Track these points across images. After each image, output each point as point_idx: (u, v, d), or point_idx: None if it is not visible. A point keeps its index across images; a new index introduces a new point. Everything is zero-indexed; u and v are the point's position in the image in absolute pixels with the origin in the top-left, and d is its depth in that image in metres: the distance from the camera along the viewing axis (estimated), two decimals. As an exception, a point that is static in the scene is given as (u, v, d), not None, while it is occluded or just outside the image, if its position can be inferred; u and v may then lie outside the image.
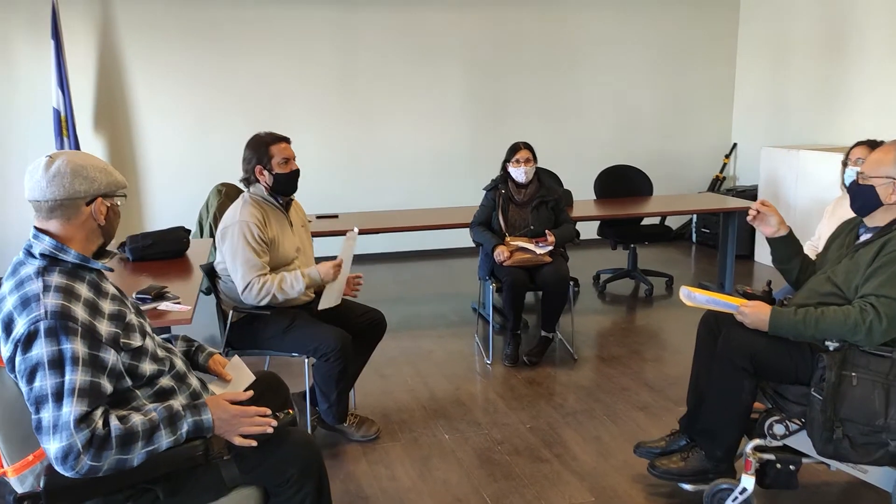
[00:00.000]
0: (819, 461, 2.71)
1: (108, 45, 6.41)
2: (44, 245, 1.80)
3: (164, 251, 3.95)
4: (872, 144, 3.86)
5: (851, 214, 3.46)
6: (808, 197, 6.39)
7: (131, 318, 1.88)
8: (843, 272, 2.66)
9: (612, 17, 7.56)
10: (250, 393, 1.99)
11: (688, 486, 2.87)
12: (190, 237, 4.19)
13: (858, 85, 6.43)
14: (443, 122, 7.31)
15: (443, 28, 7.14)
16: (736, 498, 2.69)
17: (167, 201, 6.65)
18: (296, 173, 3.31)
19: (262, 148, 3.24)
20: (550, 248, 4.36)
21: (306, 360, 3.29)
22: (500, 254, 4.34)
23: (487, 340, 4.74)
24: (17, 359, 1.69)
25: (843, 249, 2.78)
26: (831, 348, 2.53)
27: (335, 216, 5.41)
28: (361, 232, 5.16)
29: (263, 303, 3.18)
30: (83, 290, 1.79)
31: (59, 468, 1.67)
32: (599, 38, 7.57)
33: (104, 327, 1.78)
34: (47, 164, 1.84)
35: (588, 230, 6.22)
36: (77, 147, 6.09)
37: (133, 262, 3.92)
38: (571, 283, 5.95)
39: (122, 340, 1.80)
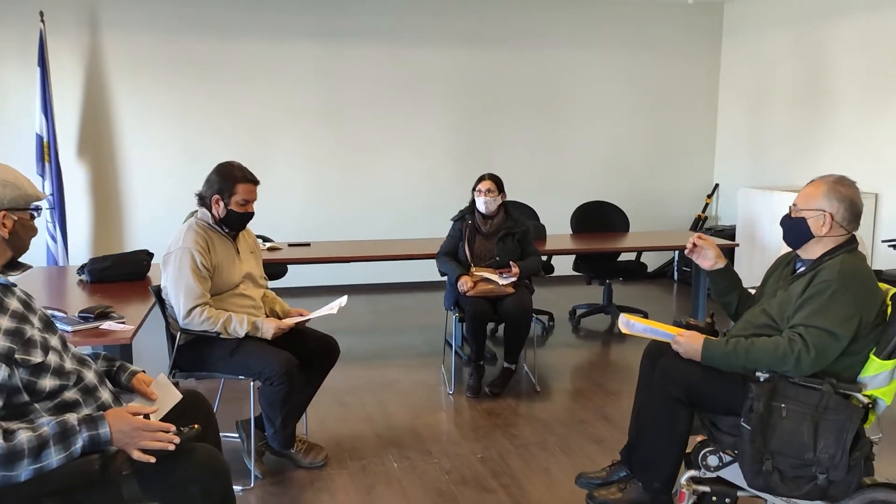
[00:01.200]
0: (755, 495, 2.69)
1: (95, 75, 6.52)
2: None
3: (123, 273, 3.98)
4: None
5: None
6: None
7: (33, 333, 1.88)
8: (778, 304, 2.67)
9: (598, 58, 7.67)
10: (155, 408, 1.99)
11: (624, 518, 2.85)
12: (152, 261, 4.21)
13: (832, 130, 6.51)
14: (427, 156, 7.38)
15: (428, 64, 7.25)
16: (670, 530, 2.67)
17: (151, 229, 6.67)
18: (249, 216, 3.33)
19: (229, 181, 3.26)
20: (514, 279, 4.37)
21: (252, 384, 3.29)
22: (464, 284, 4.35)
23: (452, 371, 4.73)
24: None
25: (780, 282, 2.80)
26: (762, 379, 2.53)
27: (307, 244, 5.43)
28: (337, 260, 5.22)
29: (202, 329, 3.18)
30: None
31: None
32: (585, 78, 7.67)
33: None
34: None
35: (564, 265, 6.24)
36: (59, 173, 6.15)
37: (91, 284, 3.94)
38: (545, 317, 6.03)
39: (18, 356, 1.80)
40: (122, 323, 3.05)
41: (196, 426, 1.96)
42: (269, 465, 3.42)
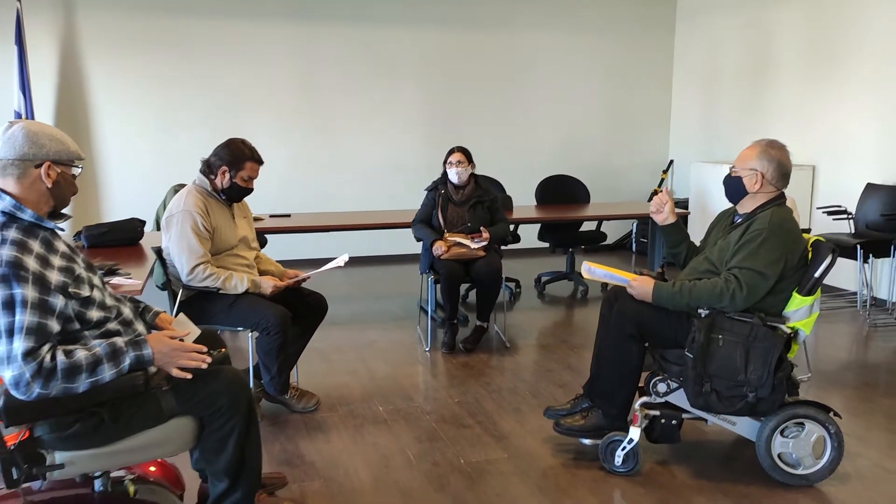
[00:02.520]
0: (697, 416, 3.11)
1: (71, 52, 6.71)
2: (4, 203, 2.10)
3: (118, 239, 4.26)
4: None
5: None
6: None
7: (80, 271, 2.18)
8: (717, 251, 3.08)
9: (560, 40, 8.06)
10: (188, 332, 2.32)
11: (587, 441, 3.25)
12: (144, 229, 4.48)
13: (776, 107, 7.00)
14: (399, 132, 7.71)
15: (400, 44, 7.57)
16: (625, 447, 3.06)
17: (126, 200, 6.91)
18: (249, 191, 3.63)
19: (239, 158, 3.54)
20: (485, 243, 4.73)
21: (249, 335, 3.61)
22: (438, 248, 4.70)
23: (428, 331, 5.09)
24: None
25: (720, 234, 3.20)
26: (703, 314, 2.93)
27: (287, 215, 5.73)
28: (315, 229, 5.52)
29: (204, 286, 3.48)
30: (36, 245, 2.09)
31: (14, 394, 1.98)
32: (547, 59, 8.05)
33: (54, 277, 2.07)
34: (6, 128, 2.15)
35: (530, 236, 6.62)
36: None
37: (89, 248, 4.21)
38: (513, 284, 6.42)
39: (70, 290, 2.10)
40: (130, 278, 3.35)
41: (223, 349, 2.29)
42: (265, 411, 3.75)
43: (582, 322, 5.61)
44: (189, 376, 2.17)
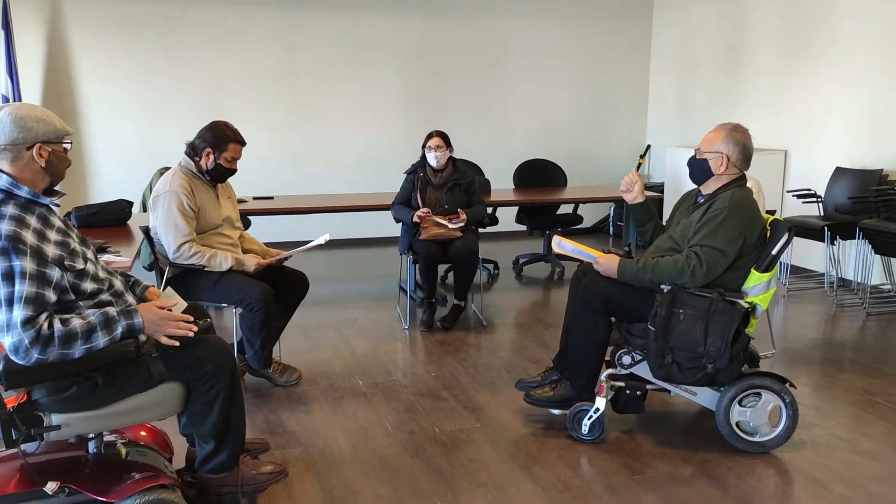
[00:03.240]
0: (660, 388, 3.27)
1: (57, 36, 6.76)
2: (1, 182, 2.22)
3: (107, 219, 4.36)
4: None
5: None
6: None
7: (75, 245, 2.30)
8: (680, 230, 3.24)
9: (539, 26, 8.18)
10: (175, 303, 2.45)
11: (555, 411, 3.41)
12: (132, 210, 4.59)
13: (749, 94, 7.18)
14: (379, 116, 7.83)
15: (380, 30, 7.67)
16: (591, 416, 3.23)
17: (112, 183, 7.00)
18: (232, 172, 3.75)
19: (222, 140, 3.65)
20: (462, 224, 4.88)
21: (234, 310, 3.74)
22: (418, 216, 4.84)
23: (407, 311, 5.23)
24: None
25: (684, 213, 3.36)
26: (665, 290, 3.09)
27: (270, 198, 5.85)
28: (298, 211, 5.64)
29: (189, 263, 3.61)
30: (33, 220, 2.21)
31: (14, 359, 2.10)
32: (526, 45, 8.18)
33: (50, 250, 2.19)
34: None
35: (508, 220, 6.77)
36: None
37: (79, 228, 4.29)
38: (491, 265, 6.57)
39: (66, 262, 2.22)
40: (119, 255, 3.46)
41: (209, 319, 2.42)
42: (249, 384, 3.88)
43: (557, 302, 5.78)
44: (177, 344, 2.30)
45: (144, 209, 5.95)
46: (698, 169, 3.28)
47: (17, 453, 2.43)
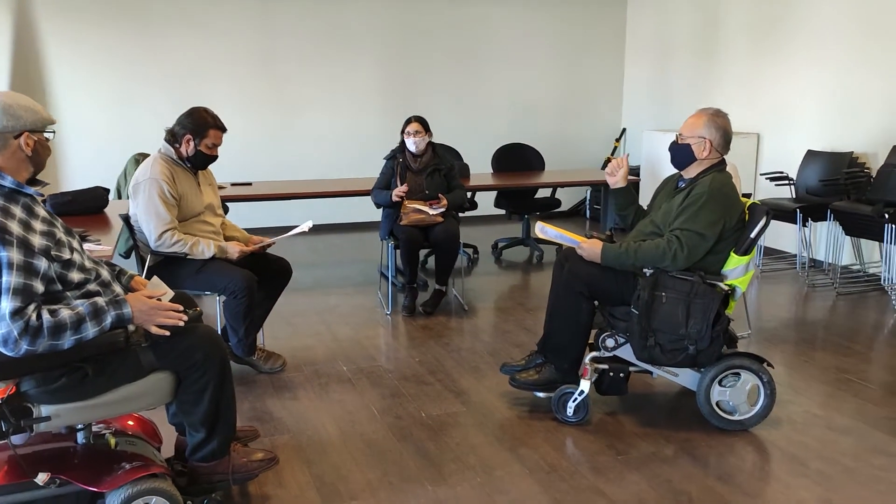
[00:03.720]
0: (642, 369, 3.34)
1: (26, 21, 6.63)
2: None
3: (83, 207, 4.31)
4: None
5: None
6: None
7: (61, 236, 2.28)
8: (662, 214, 3.29)
9: (515, 11, 8.19)
10: (164, 292, 2.44)
11: (540, 394, 3.46)
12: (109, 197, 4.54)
13: (723, 78, 7.27)
14: (356, 101, 7.80)
15: (357, 14, 7.63)
16: (576, 399, 3.28)
17: (84, 170, 6.91)
18: (213, 158, 3.72)
19: (202, 126, 3.62)
20: (442, 209, 4.89)
21: (217, 298, 3.73)
22: (396, 193, 4.84)
23: (388, 296, 5.25)
24: None
25: (665, 198, 3.40)
26: (647, 274, 3.14)
27: (249, 184, 5.81)
28: (277, 197, 5.62)
29: (171, 251, 3.59)
30: (18, 210, 2.19)
31: (1, 350, 2.09)
32: (502, 28, 8.18)
33: (36, 241, 2.17)
34: None
35: (487, 204, 6.80)
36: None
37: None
38: (471, 249, 6.60)
39: (52, 252, 2.20)
40: (100, 244, 3.43)
41: (198, 308, 2.42)
42: (234, 372, 3.84)
43: (537, 286, 5.83)
44: (167, 333, 2.30)
45: (119, 196, 5.90)
46: (680, 154, 3.32)
47: (4, 445, 2.43)
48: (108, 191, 4.57)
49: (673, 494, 2.74)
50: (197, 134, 3.65)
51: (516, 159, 6.95)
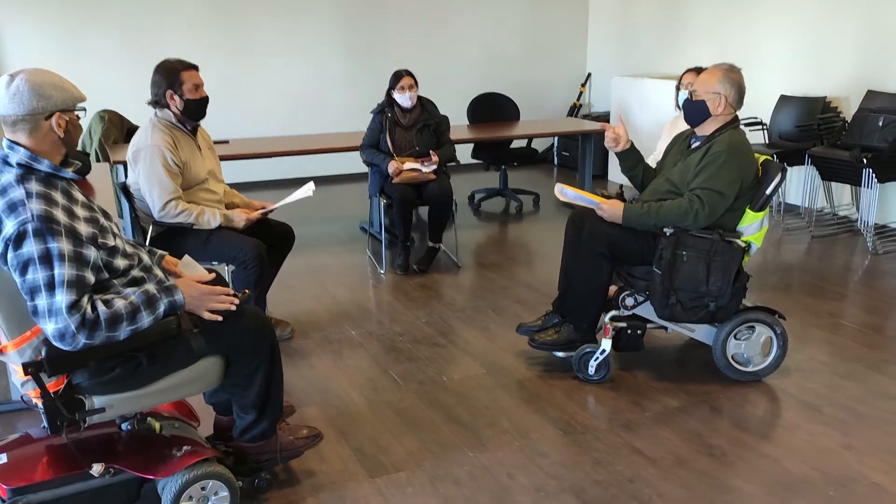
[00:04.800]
0: (658, 326, 3.41)
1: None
2: (19, 156, 2.07)
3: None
4: (699, 70, 4.54)
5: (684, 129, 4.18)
6: (651, 120, 7.15)
7: (103, 221, 2.19)
8: (678, 173, 3.31)
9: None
10: (213, 275, 2.37)
11: (560, 354, 3.51)
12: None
13: (691, 23, 7.29)
14: (321, 53, 7.56)
15: (317, -41, 7.34)
16: (597, 358, 3.34)
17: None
18: (205, 100, 3.57)
19: (173, 74, 3.47)
20: (435, 166, 4.84)
21: (226, 268, 3.64)
22: (392, 165, 4.77)
23: (379, 254, 5.21)
24: (9, 255, 1.98)
25: (678, 156, 3.43)
26: (668, 233, 3.18)
27: (226, 142, 5.63)
28: (254, 156, 5.47)
29: (176, 222, 3.48)
30: (58, 196, 2.08)
31: (57, 345, 2.00)
32: (467, -29, 8.00)
33: (82, 228, 2.08)
34: (7, 83, 2.10)
35: (463, 154, 6.73)
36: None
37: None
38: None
39: (99, 240, 2.12)
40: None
41: (246, 291, 2.36)
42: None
43: (521, 238, 5.85)
44: (220, 318, 2.24)
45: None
46: (695, 111, 3.32)
47: (47, 437, 2.37)
48: (87, 155, 4.36)
49: (706, 448, 2.84)
50: (172, 84, 3.49)
51: (491, 109, 6.89)
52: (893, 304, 4.28)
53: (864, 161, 5.08)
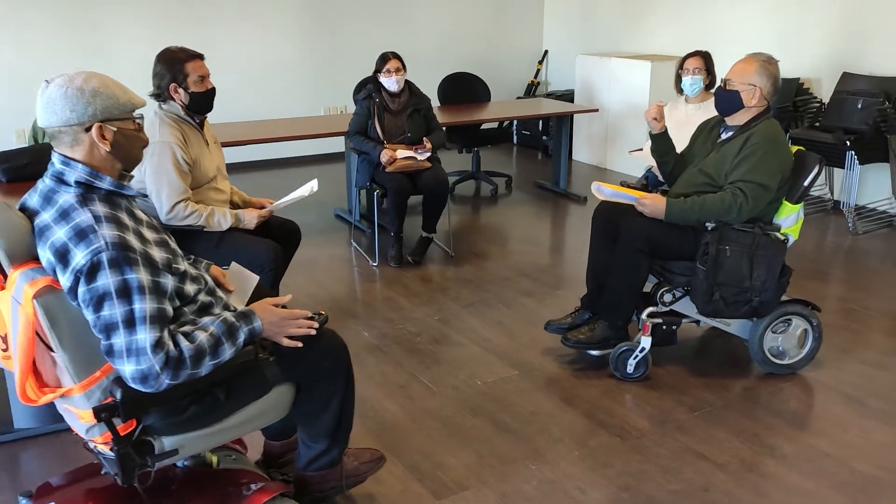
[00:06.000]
0: (692, 320, 3.35)
1: None
2: (77, 173, 1.80)
3: (42, 170, 3.70)
4: (702, 55, 4.49)
5: (686, 115, 4.12)
6: (620, 100, 7.12)
7: (173, 244, 1.95)
8: (713, 164, 3.23)
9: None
10: (289, 297, 2.15)
11: (595, 352, 3.41)
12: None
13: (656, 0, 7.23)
14: (276, 35, 7.18)
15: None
16: (637, 356, 3.26)
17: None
18: (212, 92, 3.29)
19: (176, 65, 3.18)
20: (429, 154, 4.65)
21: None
22: (385, 154, 4.55)
23: (365, 244, 4.99)
24: (81, 289, 1.71)
25: (708, 145, 3.35)
26: (710, 228, 3.11)
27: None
28: (226, 144, 5.13)
29: (185, 224, 3.20)
30: (126, 218, 1.82)
31: (137, 387, 1.75)
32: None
33: (156, 254, 1.84)
34: (43, 90, 1.82)
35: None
36: None
37: (8, 184, 3.66)
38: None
39: (173, 265, 1.87)
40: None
41: (322, 311, 2.14)
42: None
43: (504, 222, 5.71)
44: (300, 345, 2.03)
45: (35, 141, 5.18)
46: (728, 100, 3.24)
47: (85, 480, 2.12)
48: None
49: (767, 449, 2.80)
50: (177, 76, 3.21)
51: (461, 89, 6.69)
52: (888, 286, 4.36)
53: (848, 143, 5.16)
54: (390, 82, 4.68)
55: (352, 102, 5.29)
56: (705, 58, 4.47)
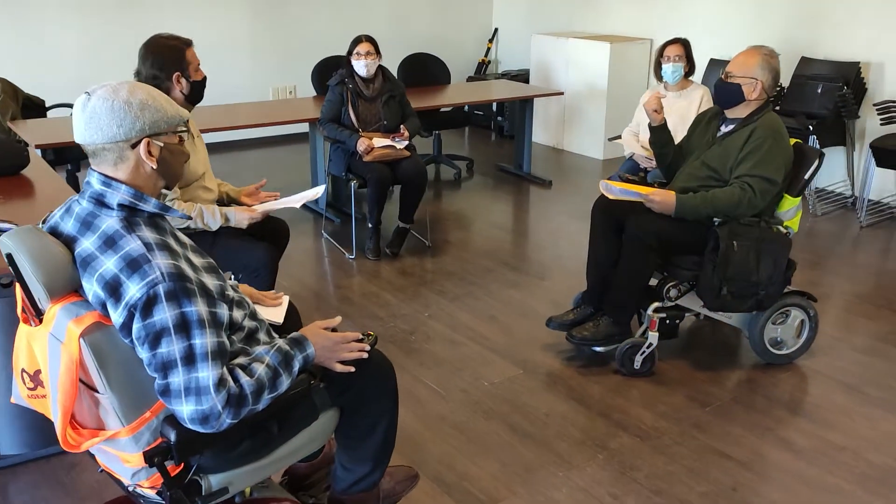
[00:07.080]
0: (694, 313, 3.36)
1: None
2: (121, 194, 1.63)
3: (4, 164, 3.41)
4: (681, 42, 4.49)
5: (666, 103, 4.08)
6: (578, 81, 7.10)
7: (219, 269, 1.80)
8: (717, 158, 3.22)
9: None
10: (339, 319, 2.02)
11: (600, 349, 3.38)
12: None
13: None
14: (223, 16, 6.84)
15: None
16: (644, 352, 3.24)
17: None
18: (206, 80, 3.08)
19: (177, 53, 2.96)
20: (407, 142, 4.51)
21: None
22: (362, 144, 4.39)
23: (339, 236, 4.83)
24: (136, 325, 1.55)
25: (708, 137, 3.33)
26: (717, 223, 3.10)
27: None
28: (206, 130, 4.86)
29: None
30: (174, 244, 1.67)
31: (196, 428, 1.60)
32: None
33: (209, 282, 1.69)
34: (84, 103, 1.64)
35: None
36: None
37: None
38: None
39: (225, 293, 1.72)
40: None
41: (371, 333, 2.02)
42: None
43: (468, 209, 5.59)
44: (352, 370, 1.90)
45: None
46: (728, 93, 3.23)
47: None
48: (27, 145, 3.64)
49: (784, 444, 2.83)
50: (182, 66, 3.00)
51: (422, 71, 6.53)
52: (859, 270, 4.49)
53: (811, 128, 5.27)
54: (360, 66, 4.51)
55: (301, 83, 5.08)
56: (685, 45, 4.47)
